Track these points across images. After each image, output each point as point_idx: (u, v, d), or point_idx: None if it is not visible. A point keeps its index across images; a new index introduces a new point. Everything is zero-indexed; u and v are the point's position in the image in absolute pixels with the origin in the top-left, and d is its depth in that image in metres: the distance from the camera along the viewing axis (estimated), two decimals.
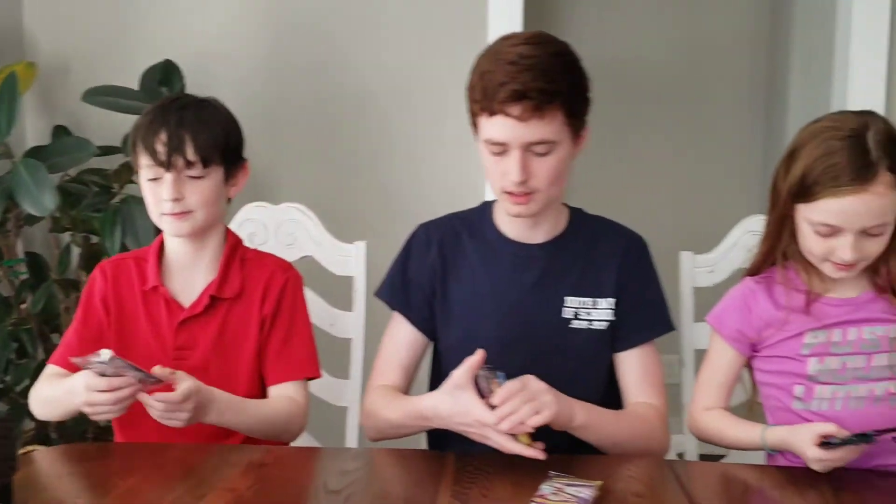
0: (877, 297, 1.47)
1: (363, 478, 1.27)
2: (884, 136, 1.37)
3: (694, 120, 3.90)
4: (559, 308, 1.53)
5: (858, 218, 1.36)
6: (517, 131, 1.40)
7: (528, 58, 1.40)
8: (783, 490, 1.30)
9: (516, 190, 1.44)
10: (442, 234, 1.61)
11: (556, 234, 1.57)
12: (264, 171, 2.73)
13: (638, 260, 1.59)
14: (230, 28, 2.76)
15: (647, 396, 1.53)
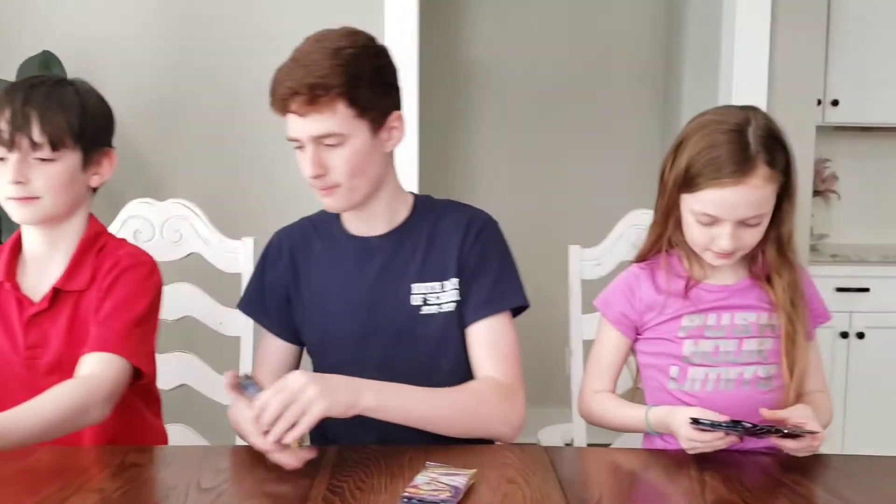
0: (752, 284, 1.54)
1: (238, 474, 1.26)
2: (763, 130, 1.43)
3: (593, 118, 3.98)
4: (407, 296, 1.54)
5: (737, 209, 1.42)
6: (301, 126, 1.44)
7: (305, 54, 1.45)
8: (651, 471, 1.34)
9: (316, 185, 1.48)
10: (292, 241, 1.63)
11: (397, 223, 1.58)
12: (153, 166, 2.69)
13: (477, 236, 1.57)
14: (117, 20, 2.70)
15: (490, 370, 1.51)
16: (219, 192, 2.69)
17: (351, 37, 1.48)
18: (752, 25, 2.85)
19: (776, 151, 1.43)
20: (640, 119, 3.99)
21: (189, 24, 2.73)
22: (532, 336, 3.37)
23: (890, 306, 3.38)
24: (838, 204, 3.83)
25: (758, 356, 1.51)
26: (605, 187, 3.95)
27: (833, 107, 3.55)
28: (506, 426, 1.46)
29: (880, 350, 3.38)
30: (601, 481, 1.28)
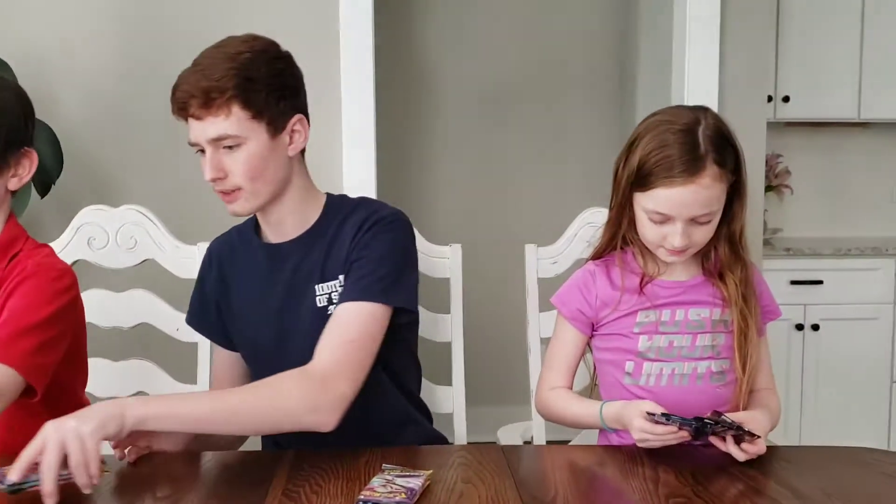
0: (705, 281, 1.57)
1: (193, 482, 1.26)
2: (713, 130, 1.46)
3: (548, 118, 4.01)
4: (313, 298, 1.53)
5: (687, 207, 1.44)
6: (199, 130, 1.45)
7: (204, 59, 1.47)
8: (606, 467, 1.35)
9: (216, 188, 1.49)
10: (220, 250, 1.66)
11: (307, 227, 1.58)
12: (107, 172, 2.66)
13: (368, 230, 1.52)
14: (70, 26, 2.67)
15: (319, 353, 1.41)
16: (174, 197, 2.66)
17: (249, 42, 1.50)
18: (703, 25, 2.89)
19: (725, 151, 1.46)
20: (596, 119, 4.03)
21: (143, 29, 2.71)
22: (490, 335, 3.41)
23: (843, 298, 3.46)
24: (791, 199, 3.90)
25: (711, 351, 1.54)
26: (560, 186, 3.97)
27: (784, 103, 3.61)
28: (316, 414, 1.34)
29: (834, 341, 3.45)
30: (557, 479, 1.29)
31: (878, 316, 3.47)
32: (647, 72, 3.62)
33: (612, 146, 3.90)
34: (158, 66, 2.71)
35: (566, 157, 4.03)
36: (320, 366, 1.39)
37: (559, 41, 3.98)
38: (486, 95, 3.97)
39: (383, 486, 1.18)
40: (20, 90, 1.54)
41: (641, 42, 3.69)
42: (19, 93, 1.53)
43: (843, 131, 3.92)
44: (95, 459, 1.15)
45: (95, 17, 2.69)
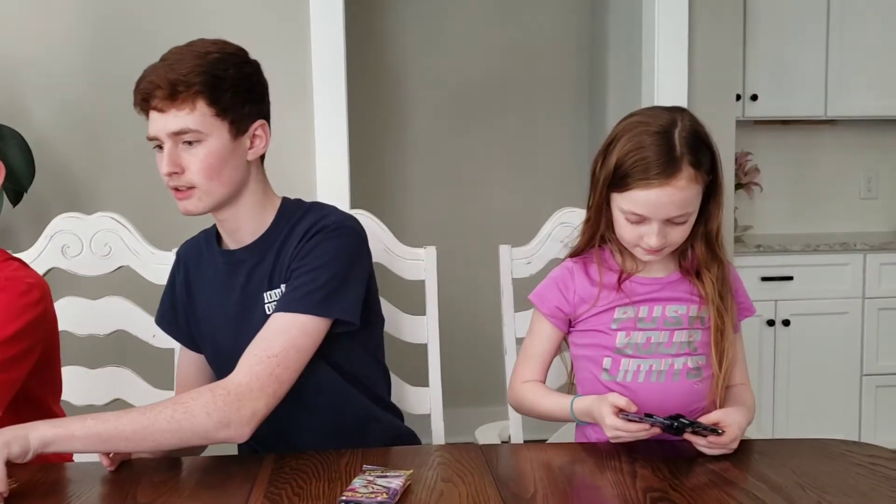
0: (682, 277, 1.59)
1: (175, 487, 1.26)
2: (689, 133, 1.48)
3: (520, 118, 4.03)
4: (262, 305, 1.53)
5: (663, 208, 1.46)
6: (160, 123, 1.45)
7: (172, 54, 1.49)
8: (584, 464, 1.37)
9: (171, 184, 1.48)
10: (187, 254, 1.66)
11: (259, 233, 1.57)
12: (79, 180, 2.65)
13: (310, 239, 1.50)
14: (39, 33, 2.65)
15: (239, 368, 1.40)
16: (147, 203, 2.65)
17: (219, 44, 1.51)
18: (671, 24, 2.93)
19: (701, 153, 1.48)
20: (567, 119, 4.06)
21: (113, 36, 2.70)
22: (466, 336, 3.43)
23: (813, 293, 3.51)
24: (761, 196, 3.94)
25: (688, 347, 1.55)
26: (532, 187, 4.00)
27: (752, 101, 3.66)
28: (227, 430, 1.34)
29: (805, 336, 3.50)
30: (536, 477, 1.30)
31: (847, 310, 3.52)
32: (617, 72, 3.66)
33: (583, 147, 3.97)
34: (129, 72, 2.69)
35: (538, 157, 4.05)
36: (236, 381, 1.38)
37: (530, 42, 4.00)
38: (457, 97, 3.99)
39: (364, 487, 1.19)
40: None
41: (611, 42, 3.72)
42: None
43: (811, 129, 3.97)
44: (2, 477, 1.19)
45: (65, 24, 2.67)
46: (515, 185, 4.02)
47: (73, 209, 1.96)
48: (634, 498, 1.20)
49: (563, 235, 1.95)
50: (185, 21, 2.71)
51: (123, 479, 1.32)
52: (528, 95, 4.02)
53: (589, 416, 1.46)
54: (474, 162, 4.02)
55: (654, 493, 1.22)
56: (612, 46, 3.70)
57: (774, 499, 1.19)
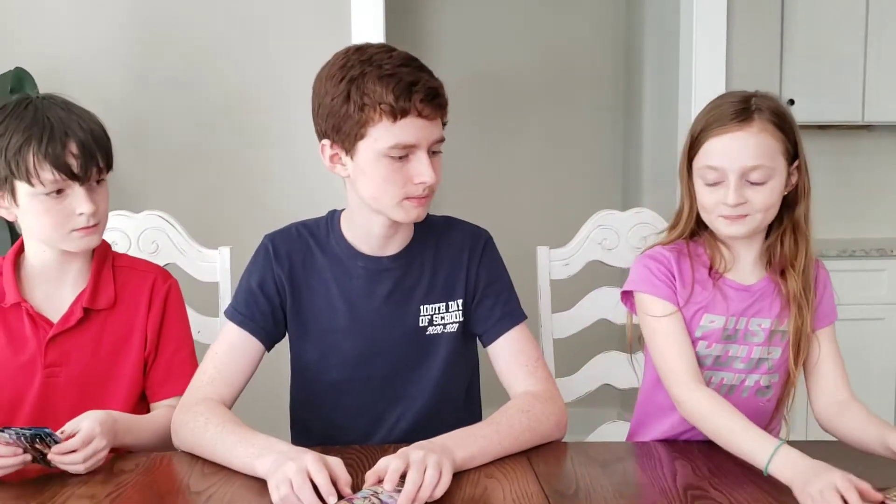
0: (769, 285, 1.53)
1: (225, 477, 1.29)
2: (768, 100, 1.48)
3: (557, 120, 4.05)
4: (416, 317, 1.55)
5: (738, 156, 1.44)
6: (426, 131, 1.41)
7: (414, 60, 1.44)
8: (624, 462, 1.39)
9: (423, 194, 1.44)
10: (290, 246, 1.57)
11: (406, 243, 1.56)
12: (126, 179, 2.70)
13: (482, 255, 1.59)
14: (88, 35, 2.72)
15: (523, 383, 1.52)
16: (193, 202, 2.71)
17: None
18: (709, 28, 2.94)
19: (779, 116, 1.47)
20: (602, 121, 4.06)
21: (158, 36, 2.75)
22: None
23: (849, 299, 3.45)
24: None
25: (764, 364, 1.53)
26: (567, 188, 4.01)
27: (789, 106, 3.65)
28: (559, 429, 1.48)
29: (840, 342, 3.38)
30: (577, 474, 1.32)
31: (884, 316, 3.49)
32: (653, 75, 3.66)
33: (618, 148, 3.98)
34: (173, 73, 2.77)
35: (572, 158, 4.06)
36: (542, 385, 1.52)
37: (565, 43, 4.02)
38: (492, 97, 4.01)
39: (365, 499, 1.17)
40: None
41: (647, 45, 3.72)
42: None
43: (848, 134, 3.95)
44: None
45: (112, 25, 2.73)
46: (549, 185, 4.04)
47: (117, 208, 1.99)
48: (675, 496, 1.22)
49: (602, 237, 1.97)
50: (228, 25, 2.76)
51: (175, 469, 1.36)
52: (563, 96, 4.04)
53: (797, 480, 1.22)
54: (508, 162, 4.04)
55: (695, 490, 1.23)
56: (647, 51, 3.71)
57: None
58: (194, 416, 1.41)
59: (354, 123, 1.39)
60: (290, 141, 2.78)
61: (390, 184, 1.42)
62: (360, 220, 1.53)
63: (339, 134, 1.43)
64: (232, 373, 1.50)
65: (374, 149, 1.40)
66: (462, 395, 1.65)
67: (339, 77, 1.40)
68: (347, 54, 1.43)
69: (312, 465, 1.17)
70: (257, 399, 1.75)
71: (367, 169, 1.42)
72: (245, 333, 1.52)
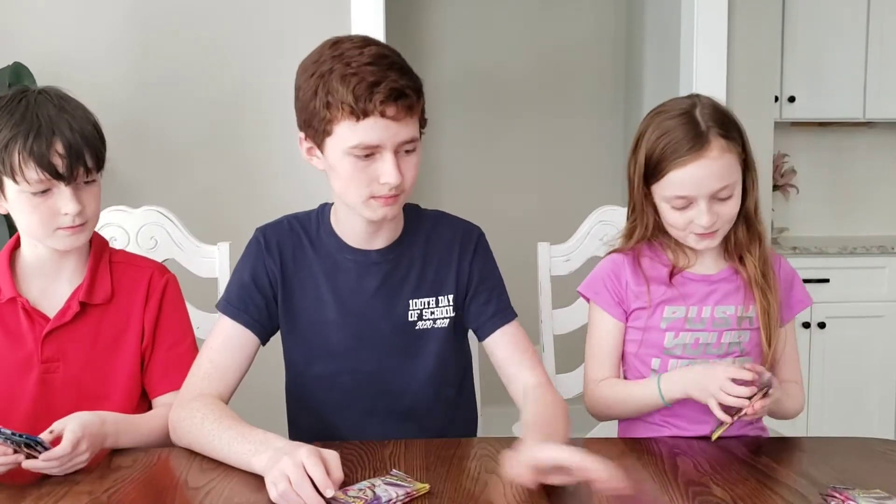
0: (731, 272, 1.57)
1: (224, 472, 1.28)
2: (710, 109, 1.50)
3: (557, 117, 4.04)
4: (405, 311, 1.55)
5: (704, 183, 1.46)
6: (391, 131, 1.37)
7: (385, 57, 1.40)
8: (626, 458, 1.38)
9: (388, 193, 1.41)
10: (281, 239, 1.57)
11: (395, 237, 1.56)
12: (123, 174, 2.69)
13: (475, 251, 1.60)
14: (84, 28, 2.71)
15: (524, 372, 1.53)
16: (192, 198, 2.70)
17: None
18: (710, 25, 2.93)
19: (727, 125, 1.49)
20: (603, 118, 4.06)
21: (158, 33, 2.74)
22: None
23: (849, 296, 3.48)
24: (797, 198, 3.92)
25: (736, 348, 1.55)
26: (567, 185, 4.01)
27: (790, 103, 3.64)
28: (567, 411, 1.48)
29: (841, 339, 3.47)
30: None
31: (884, 314, 3.49)
32: (653, 74, 3.65)
33: (618, 146, 3.98)
34: (172, 69, 2.76)
35: (572, 156, 4.06)
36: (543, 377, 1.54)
37: (566, 41, 4.01)
38: (492, 95, 4.00)
39: (360, 490, 1.18)
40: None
41: (648, 44, 3.72)
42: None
43: (849, 131, 3.94)
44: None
45: (112, 20, 2.72)
46: (549, 183, 4.03)
47: (116, 203, 1.99)
48: (677, 492, 1.21)
49: (603, 233, 1.97)
50: (227, 20, 2.75)
51: (173, 465, 1.35)
52: (564, 93, 4.03)
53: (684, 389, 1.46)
54: (508, 159, 4.03)
55: (696, 487, 1.23)
56: (648, 47, 3.70)
57: (815, 494, 1.19)
58: (190, 412, 1.40)
59: (321, 120, 1.39)
60: (289, 137, 2.74)
61: (356, 182, 1.41)
62: (343, 214, 1.53)
63: (310, 129, 1.43)
64: (227, 367, 1.50)
65: (340, 147, 1.39)
66: (454, 390, 1.64)
67: (311, 71, 1.40)
68: (324, 47, 1.42)
69: (308, 459, 1.17)
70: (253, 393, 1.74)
71: (335, 166, 1.42)
72: (239, 327, 1.52)
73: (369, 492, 1.17)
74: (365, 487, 1.19)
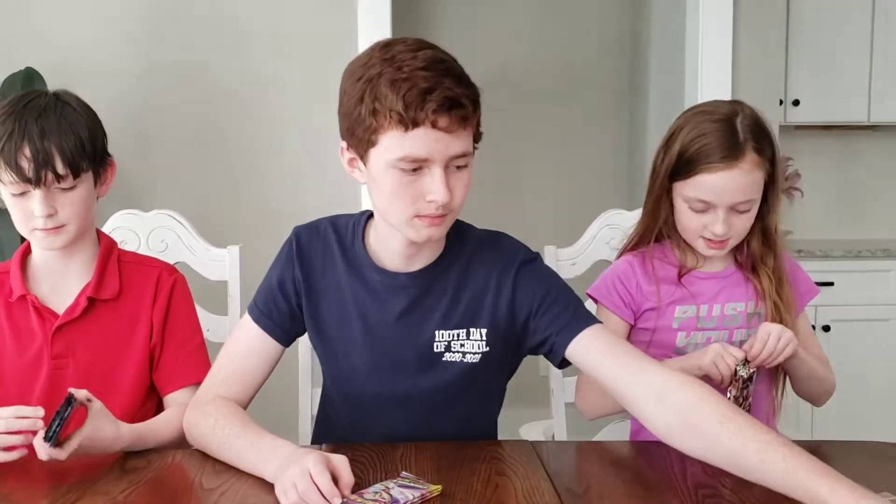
0: (737, 272, 1.60)
1: (237, 474, 1.30)
2: (750, 121, 1.51)
3: (563, 122, 4.05)
4: (430, 341, 1.44)
5: (728, 193, 1.48)
6: (442, 144, 1.26)
7: (442, 62, 1.28)
8: (635, 460, 1.40)
9: (435, 213, 1.30)
10: (313, 244, 1.49)
11: (430, 261, 1.44)
12: (134, 178, 2.71)
13: (515, 279, 1.44)
14: (95, 33, 2.73)
15: (656, 373, 1.30)
16: (202, 201, 2.72)
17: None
18: (715, 28, 2.94)
19: (763, 141, 1.51)
20: (607, 122, 4.07)
21: (168, 35, 2.76)
22: None
23: (854, 300, 3.48)
24: (801, 201, 3.93)
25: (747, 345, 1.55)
26: (572, 189, 4.02)
27: (794, 106, 3.65)
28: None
29: (846, 342, 3.47)
30: (588, 472, 1.33)
31: (889, 317, 3.50)
32: (658, 77, 3.66)
33: (623, 150, 3.98)
34: (182, 74, 2.77)
35: (577, 159, 4.07)
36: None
37: (571, 44, 4.03)
38: (496, 99, 4.00)
39: (375, 493, 1.18)
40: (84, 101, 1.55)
41: (652, 47, 3.73)
42: (87, 104, 1.55)
43: (853, 134, 3.95)
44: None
45: (122, 26, 2.74)
46: (555, 185, 4.05)
47: (126, 206, 2.00)
48: (686, 494, 1.22)
49: (610, 237, 1.98)
50: (237, 23, 2.76)
51: (187, 465, 1.36)
52: (570, 99, 4.04)
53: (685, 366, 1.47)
54: (514, 163, 4.05)
55: (705, 489, 1.24)
56: (653, 52, 3.71)
57: None
58: (204, 416, 1.40)
59: (366, 129, 1.28)
60: (301, 139, 2.78)
61: (399, 199, 1.30)
62: (383, 231, 1.42)
63: (353, 138, 1.32)
64: (248, 373, 1.47)
65: (384, 159, 1.28)
66: (489, 429, 1.57)
67: (357, 75, 1.29)
68: (374, 49, 1.31)
69: (314, 468, 1.16)
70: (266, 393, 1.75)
71: (378, 179, 1.31)
72: (263, 333, 1.48)
73: (385, 494, 1.18)
74: (380, 490, 1.20)
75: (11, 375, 1.53)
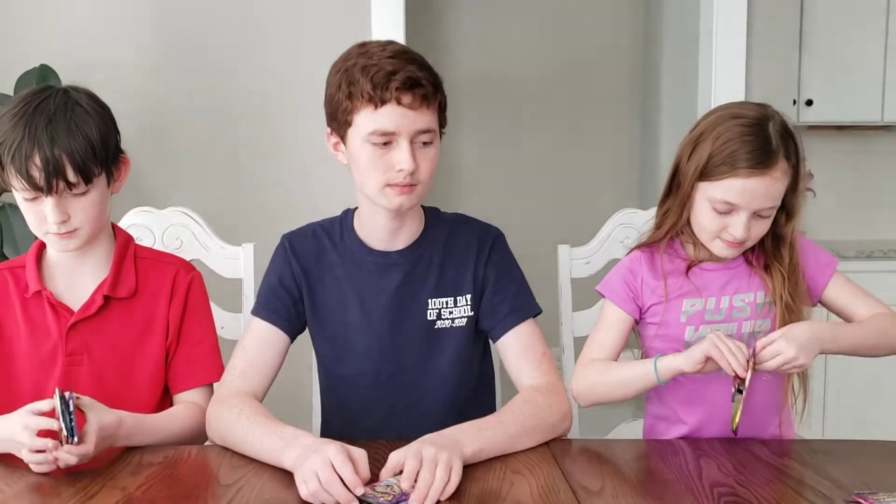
0: (745, 264, 1.59)
1: (254, 469, 1.30)
2: (781, 127, 1.51)
3: (576, 121, 4.06)
4: (424, 311, 1.59)
5: (756, 199, 1.48)
6: (407, 119, 1.44)
7: (406, 52, 1.49)
8: (650, 459, 1.40)
9: (403, 181, 1.47)
10: (305, 245, 1.63)
11: (414, 238, 1.61)
12: (149, 175, 2.72)
13: (491, 251, 1.63)
14: (110, 31, 2.74)
15: (528, 376, 1.55)
16: (217, 199, 2.73)
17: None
18: (729, 29, 2.94)
19: (791, 147, 1.51)
20: (620, 123, 4.07)
21: (183, 34, 2.77)
22: None
23: None
24: (814, 201, 3.90)
25: (754, 338, 1.53)
26: (588, 188, 4.02)
27: (808, 106, 3.63)
28: (564, 420, 1.50)
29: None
30: (603, 470, 1.33)
31: None
32: (670, 78, 3.66)
33: (635, 150, 3.98)
34: (199, 72, 2.78)
35: (589, 160, 4.07)
36: (546, 378, 1.54)
37: (583, 45, 4.03)
38: (509, 100, 4.02)
39: (388, 486, 1.20)
40: (97, 97, 1.54)
41: (665, 48, 3.73)
42: (100, 101, 1.54)
43: (867, 134, 3.93)
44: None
45: (137, 23, 2.75)
46: (569, 185, 4.05)
47: (141, 204, 2.01)
48: (702, 493, 1.22)
49: (624, 236, 1.98)
50: (252, 23, 2.77)
51: (205, 461, 1.37)
52: (583, 98, 4.05)
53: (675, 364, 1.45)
54: (527, 163, 4.05)
55: (721, 488, 1.24)
56: (666, 52, 3.71)
57: (841, 496, 1.20)
58: (228, 408, 1.44)
59: (343, 111, 1.47)
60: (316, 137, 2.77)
61: (373, 169, 1.48)
62: (367, 213, 1.58)
63: (335, 122, 1.51)
64: (262, 366, 1.55)
65: (359, 135, 1.47)
66: (472, 391, 1.66)
67: (337, 67, 1.50)
68: (352, 48, 1.51)
69: (336, 458, 1.19)
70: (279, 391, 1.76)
71: (355, 155, 1.49)
72: (271, 327, 1.58)
73: (397, 487, 1.19)
74: (392, 483, 1.21)
75: (26, 370, 1.54)
